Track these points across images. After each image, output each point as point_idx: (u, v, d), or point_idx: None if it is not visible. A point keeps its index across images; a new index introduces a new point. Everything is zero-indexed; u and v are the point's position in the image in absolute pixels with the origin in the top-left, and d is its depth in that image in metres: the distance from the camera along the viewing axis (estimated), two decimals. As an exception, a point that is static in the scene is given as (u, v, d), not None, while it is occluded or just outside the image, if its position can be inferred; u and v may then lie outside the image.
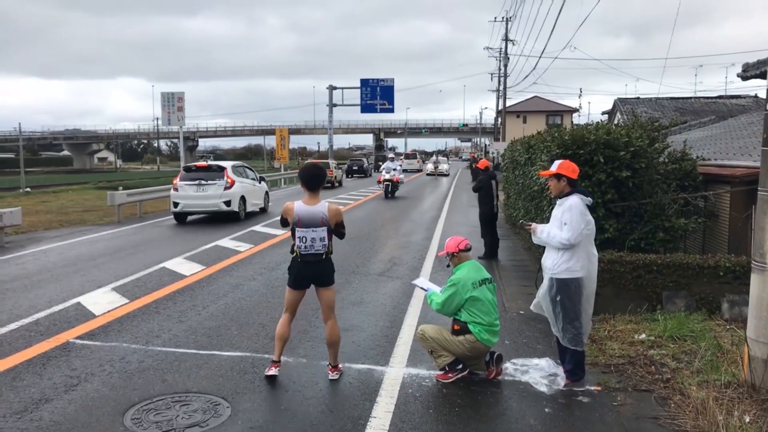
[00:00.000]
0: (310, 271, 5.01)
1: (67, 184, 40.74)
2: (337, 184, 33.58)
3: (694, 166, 8.66)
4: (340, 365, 5.23)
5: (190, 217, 16.71)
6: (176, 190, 16.08)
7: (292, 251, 5.03)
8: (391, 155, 29.50)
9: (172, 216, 16.51)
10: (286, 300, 5.13)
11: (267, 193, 19.14)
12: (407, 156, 64.18)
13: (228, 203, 15.95)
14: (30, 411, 4.47)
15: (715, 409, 4.22)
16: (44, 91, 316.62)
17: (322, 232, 4.92)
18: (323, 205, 4.97)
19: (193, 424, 4.26)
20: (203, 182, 16.00)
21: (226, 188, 15.97)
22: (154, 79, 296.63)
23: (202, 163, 18.04)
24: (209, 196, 15.87)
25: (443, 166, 49.26)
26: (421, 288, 5.68)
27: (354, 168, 45.28)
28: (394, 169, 25.02)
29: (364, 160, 52.28)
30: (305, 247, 4.92)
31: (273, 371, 5.04)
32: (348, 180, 40.56)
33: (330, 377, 5.08)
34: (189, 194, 15.90)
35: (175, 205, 16.04)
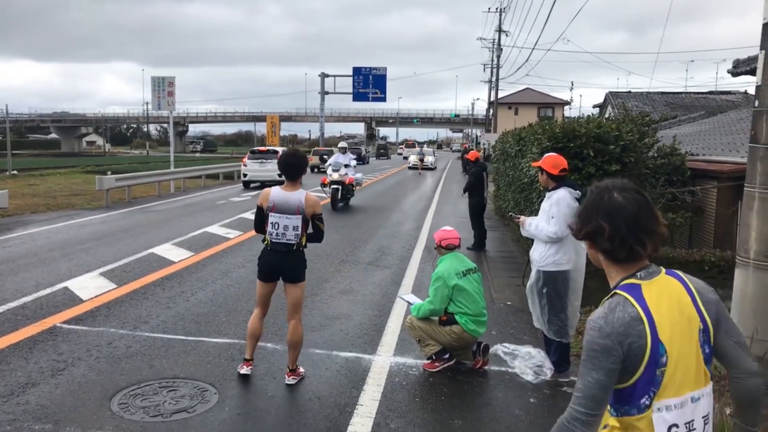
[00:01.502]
0: (279, 262, 4.71)
1: (54, 168, 40.30)
2: None
3: (683, 161, 8.75)
4: (299, 369, 4.88)
5: (182, 203, 18.27)
6: (245, 165, 23.85)
7: (264, 240, 4.81)
8: (342, 144, 18.24)
9: (242, 184, 23.99)
10: (257, 293, 4.87)
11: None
12: (408, 145, 62.93)
13: (280, 175, 21.81)
14: (16, 395, 4.47)
15: (696, 401, 4.28)
16: (36, 73, 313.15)
17: (297, 220, 4.64)
18: (301, 193, 4.70)
19: (180, 409, 4.27)
20: (264, 160, 23.44)
21: None
22: (148, 63, 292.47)
23: (263, 147, 26.51)
24: (268, 169, 23.01)
25: (429, 159, 41.78)
26: (407, 302, 5.70)
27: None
28: (347, 166, 16.55)
29: (362, 148, 57.56)
30: (276, 234, 4.65)
31: (246, 370, 4.82)
32: None
33: (286, 381, 4.75)
34: (254, 168, 23.56)
35: (244, 175, 23.67)
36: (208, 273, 8.47)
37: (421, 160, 39.52)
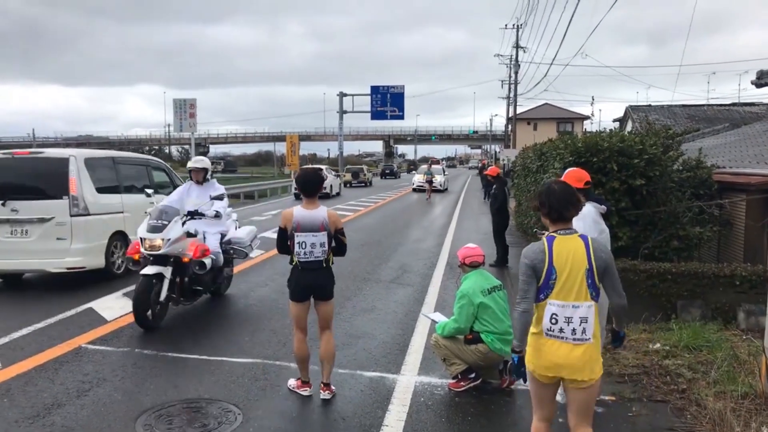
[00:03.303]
0: (311, 280, 4.74)
1: (79, 190, 40.91)
2: (369, 184, 43.08)
3: (710, 174, 8.59)
4: (332, 386, 4.89)
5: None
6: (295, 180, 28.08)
7: (291, 261, 4.77)
8: (197, 163, 7.78)
9: (293, 196, 28.06)
10: (293, 315, 4.86)
11: (339, 183, 33.42)
12: (432, 162, 63.08)
13: (323, 188, 27.06)
14: (42, 416, 4.48)
15: (732, 421, 4.15)
16: (63, 98, 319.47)
17: (323, 237, 4.70)
18: (323, 209, 4.77)
19: (204, 430, 4.25)
20: None
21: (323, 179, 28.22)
22: (172, 85, 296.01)
23: (310, 167, 29.97)
24: None
25: (438, 178, 33.43)
26: (432, 320, 5.62)
27: (386, 171, 60.23)
28: (193, 217, 7.15)
29: (394, 165, 69.65)
30: (304, 253, 4.67)
31: (308, 391, 4.83)
32: (381, 181, 51.07)
33: (322, 396, 4.79)
34: None
35: (296, 188, 28.62)
36: (230, 292, 8.48)
37: (430, 182, 29.87)
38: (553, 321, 3.10)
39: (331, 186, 29.12)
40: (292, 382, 4.98)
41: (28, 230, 8.47)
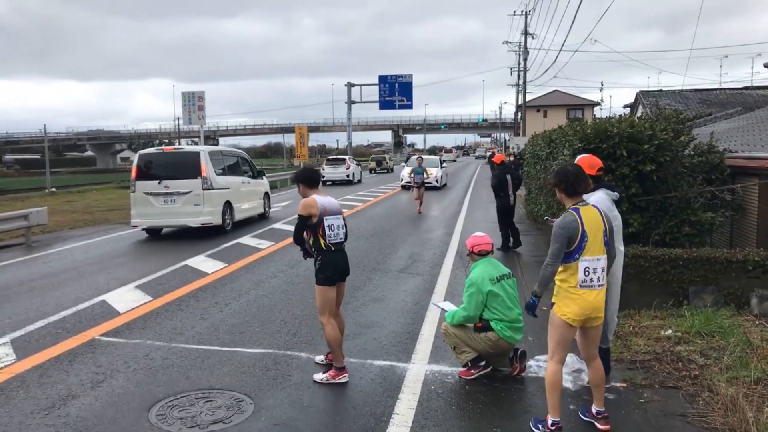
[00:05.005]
0: (344, 261, 5.11)
1: (91, 184, 41.37)
2: (390, 171, 47.00)
3: (722, 158, 8.47)
4: None
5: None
6: (323, 169, 31.71)
7: (321, 248, 4.94)
8: None
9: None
10: (328, 300, 4.98)
11: (360, 171, 36.39)
12: (446, 151, 64.20)
13: (347, 176, 32.54)
14: (57, 407, 4.54)
15: (745, 406, 4.12)
16: (75, 93, 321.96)
17: (341, 219, 5.13)
18: (330, 197, 5.22)
19: (216, 420, 4.29)
20: (336, 165, 33.02)
21: (347, 168, 32.77)
22: (185, 79, 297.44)
23: (333, 157, 37.38)
24: (339, 172, 32.48)
25: (433, 173, 26.33)
26: (442, 309, 5.62)
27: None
28: None
29: (418, 153, 75.63)
30: (334, 235, 5.02)
31: (346, 377, 4.95)
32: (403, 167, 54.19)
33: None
34: (329, 171, 32.32)
35: (322, 177, 25.73)
36: (241, 284, 8.53)
37: (419, 185, 17.96)
38: (587, 273, 3.86)
39: (353, 174, 33.30)
40: (322, 376, 4.96)
41: (175, 199, 12.79)
